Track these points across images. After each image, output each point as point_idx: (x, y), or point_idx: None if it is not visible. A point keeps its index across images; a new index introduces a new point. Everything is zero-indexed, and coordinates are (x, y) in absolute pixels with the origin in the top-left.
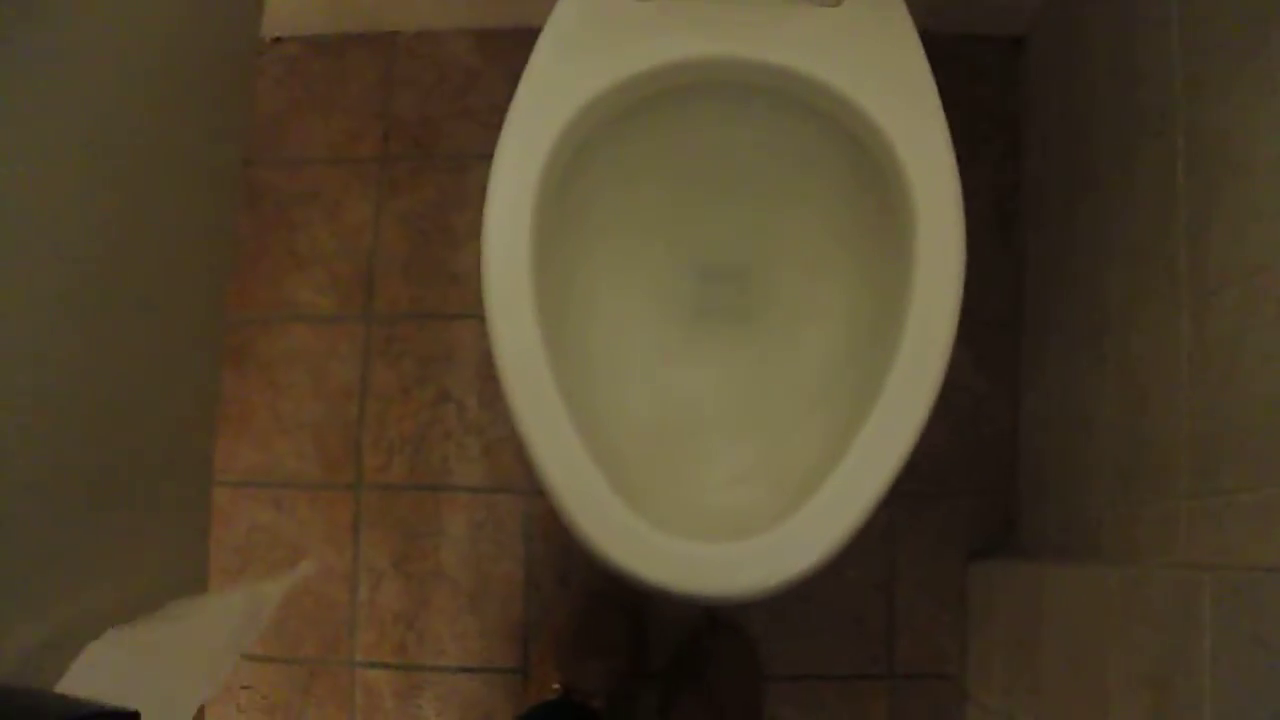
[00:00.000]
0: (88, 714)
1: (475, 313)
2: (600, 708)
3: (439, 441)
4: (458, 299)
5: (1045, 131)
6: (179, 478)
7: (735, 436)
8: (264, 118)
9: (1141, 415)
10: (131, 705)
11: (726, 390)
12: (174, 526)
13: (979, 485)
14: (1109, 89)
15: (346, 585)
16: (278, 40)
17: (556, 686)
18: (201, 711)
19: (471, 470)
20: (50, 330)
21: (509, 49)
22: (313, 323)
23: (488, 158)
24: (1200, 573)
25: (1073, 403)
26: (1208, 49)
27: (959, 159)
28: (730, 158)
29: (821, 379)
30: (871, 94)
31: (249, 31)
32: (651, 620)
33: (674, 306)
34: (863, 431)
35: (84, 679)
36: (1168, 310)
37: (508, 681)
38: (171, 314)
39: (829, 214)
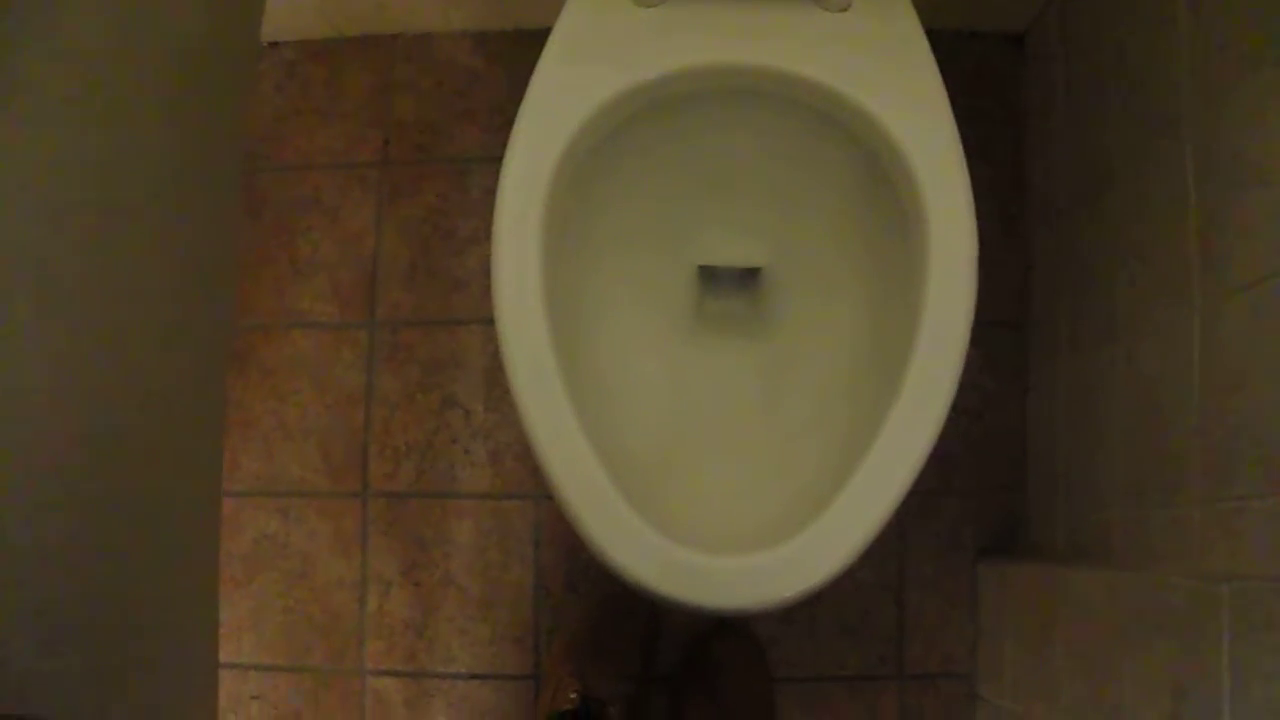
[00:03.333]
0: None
1: (479, 318)
2: (617, 714)
3: (446, 448)
4: (461, 304)
5: (1050, 130)
6: (188, 500)
7: (748, 443)
8: (263, 124)
9: (1152, 419)
10: None
11: (739, 397)
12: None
13: (987, 484)
14: (1114, 88)
15: (355, 594)
16: (275, 45)
17: (574, 695)
18: None
19: (479, 476)
20: (44, 343)
21: (509, 51)
22: (316, 330)
23: (489, 161)
24: (1219, 583)
25: (1082, 404)
26: (1217, 48)
27: None
28: (739, 163)
29: (834, 385)
30: (881, 101)
31: (250, 35)
32: (661, 624)
33: (684, 314)
34: (876, 443)
35: None
36: (1179, 314)
37: (519, 688)
38: (176, 327)
39: (839, 220)
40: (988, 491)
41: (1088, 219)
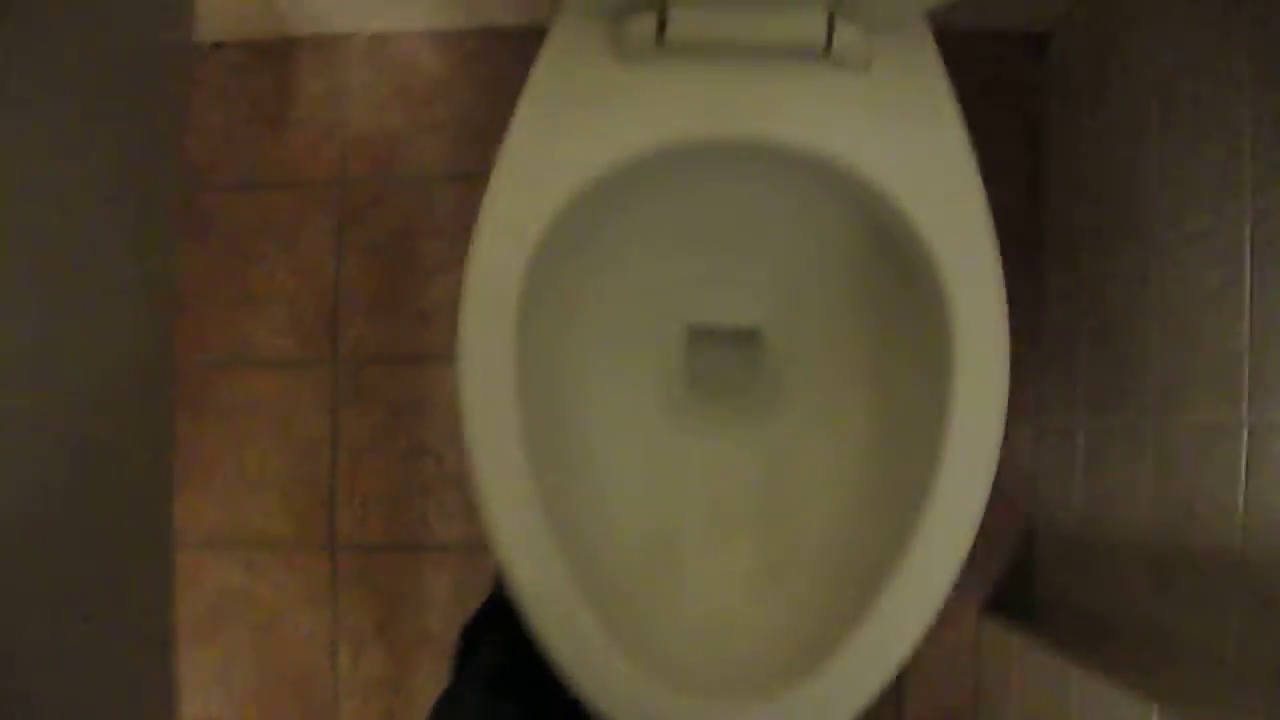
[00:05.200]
0: None
1: (448, 354)
2: None
3: (417, 497)
4: (429, 339)
5: (1074, 144)
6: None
7: (745, 543)
8: (207, 135)
9: (1186, 518)
10: None
11: (734, 490)
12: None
13: (994, 529)
14: (1152, 106)
15: (327, 651)
16: (218, 46)
17: None
18: None
19: (452, 527)
20: None
21: (476, 53)
22: (274, 367)
23: (455, 178)
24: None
25: (1100, 473)
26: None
27: None
28: (735, 230)
29: (839, 477)
30: (905, 184)
31: (179, 31)
32: None
33: (673, 393)
34: (893, 582)
35: None
36: (1224, 409)
37: None
38: (103, 355)
39: (844, 294)
40: (994, 537)
41: (1116, 251)
